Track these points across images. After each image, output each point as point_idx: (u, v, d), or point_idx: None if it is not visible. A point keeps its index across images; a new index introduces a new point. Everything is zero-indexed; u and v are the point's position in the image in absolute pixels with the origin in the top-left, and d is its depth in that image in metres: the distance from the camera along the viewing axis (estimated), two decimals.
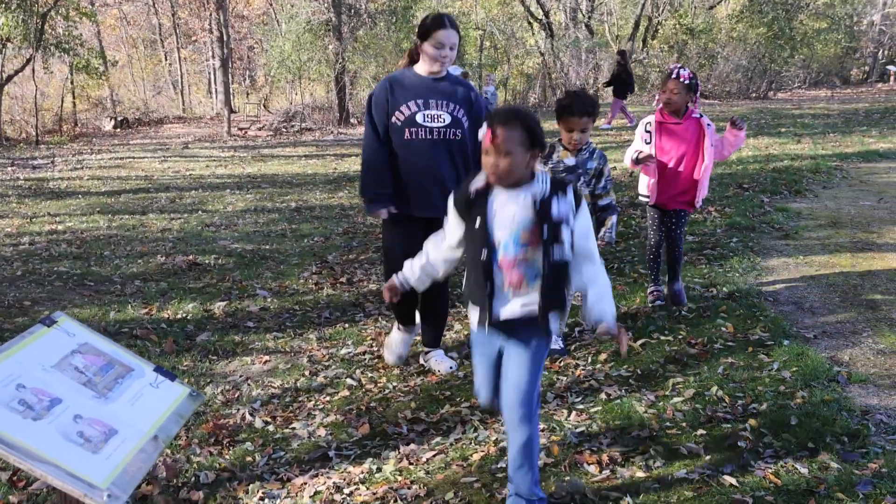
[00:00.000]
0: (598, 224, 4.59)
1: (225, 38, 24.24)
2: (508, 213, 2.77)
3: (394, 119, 4.19)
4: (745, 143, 13.51)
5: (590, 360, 4.69)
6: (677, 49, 30.18)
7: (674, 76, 5.21)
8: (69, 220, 9.80)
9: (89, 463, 1.77)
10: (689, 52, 29.90)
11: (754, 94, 28.91)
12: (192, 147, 19.83)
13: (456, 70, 17.83)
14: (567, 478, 3.37)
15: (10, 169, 15.11)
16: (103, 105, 29.85)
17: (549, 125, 5.55)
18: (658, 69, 30.55)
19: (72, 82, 25.91)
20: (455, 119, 4.19)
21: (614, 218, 4.66)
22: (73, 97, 26.89)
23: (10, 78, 21.83)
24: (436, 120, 4.16)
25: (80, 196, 11.72)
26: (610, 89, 19.16)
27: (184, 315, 5.86)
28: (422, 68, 4.24)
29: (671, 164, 5.31)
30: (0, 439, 1.69)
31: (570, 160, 4.52)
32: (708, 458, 3.51)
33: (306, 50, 24.88)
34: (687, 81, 5.18)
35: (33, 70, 22.69)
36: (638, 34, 30.58)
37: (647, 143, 5.35)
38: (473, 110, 4.29)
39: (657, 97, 5.38)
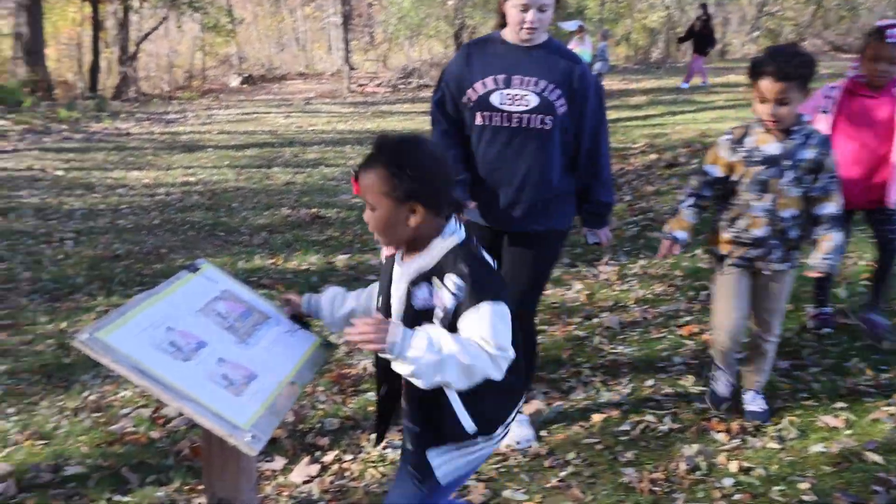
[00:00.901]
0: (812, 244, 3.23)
1: None
2: (397, 294, 2.09)
3: (465, 98, 3.18)
4: None
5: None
6: (814, 0, 28.57)
7: (889, 38, 3.65)
8: (200, 172, 10.20)
9: (233, 404, 1.84)
10: (827, 3, 28.27)
11: None
12: (313, 103, 20.23)
13: (572, 25, 17.36)
14: (694, 445, 3.30)
15: (146, 123, 15.80)
16: (230, 62, 30.74)
17: (668, 82, 5.24)
18: (793, 22, 29.07)
19: (202, 40, 26.77)
20: (544, 102, 3.08)
21: (838, 238, 3.12)
22: (203, 54, 27.80)
23: (146, 36, 22.75)
24: (517, 102, 3.09)
25: (209, 149, 12.17)
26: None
27: (308, 266, 6.02)
28: (509, 34, 3.18)
29: (855, 150, 3.85)
30: (154, 378, 1.78)
31: (773, 146, 3.09)
32: (848, 432, 3.36)
33: (425, 6, 24.86)
34: None
35: (167, 29, 23.55)
36: None
37: (825, 113, 3.90)
38: (577, 93, 3.12)
39: (851, 67, 3.90)
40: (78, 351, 4.35)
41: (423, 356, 1.82)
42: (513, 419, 2.18)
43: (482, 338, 1.88)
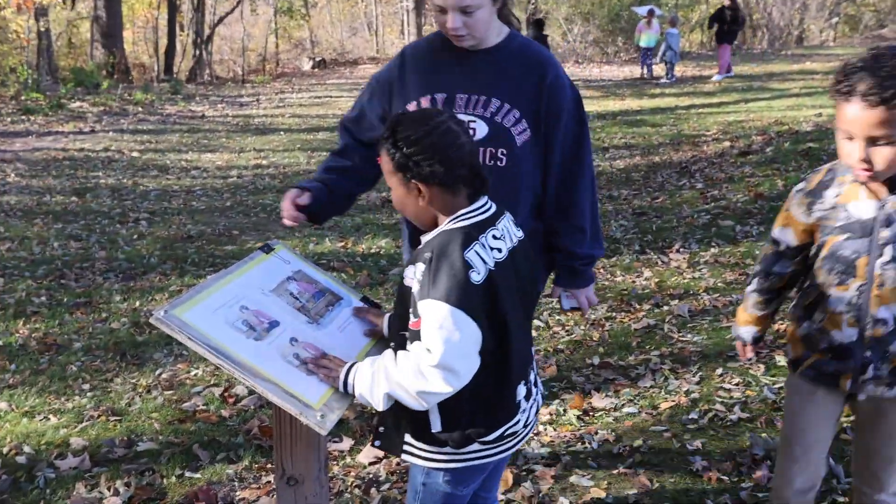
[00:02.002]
0: None
1: None
2: None
3: None
4: None
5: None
6: None
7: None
8: (272, 155, 10.34)
9: (304, 383, 1.84)
10: None
11: None
12: None
13: (643, 10, 16.97)
14: (763, 434, 3.22)
15: (220, 106, 16.08)
16: (302, 46, 31.10)
17: (743, 68, 4.97)
18: (873, 8, 28.06)
19: (275, 24, 27.12)
20: (496, 129, 2.31)
21: None
22: (276, 38, 28.17)
23: (221, 19, 23.14)
24: None
25: (281, 132, 12.33)
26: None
27: (377, 250, 6.05)
28: None
29: None
30: (227, 356, 1.80)
31: (864, 207, 1.99)
32: None
33: None
34: None
35: (241, 12, 23.92)
36: None
37: None
38: (545, 110, 2.35)
39: None
40: (152, 329, 4.46)
41: (368, 392, 1.80)
42: (514, 431, 1.95)
43: (425, 348, 1.69)
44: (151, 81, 19.70)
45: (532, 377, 2.02)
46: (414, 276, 1.77)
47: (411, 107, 2.36)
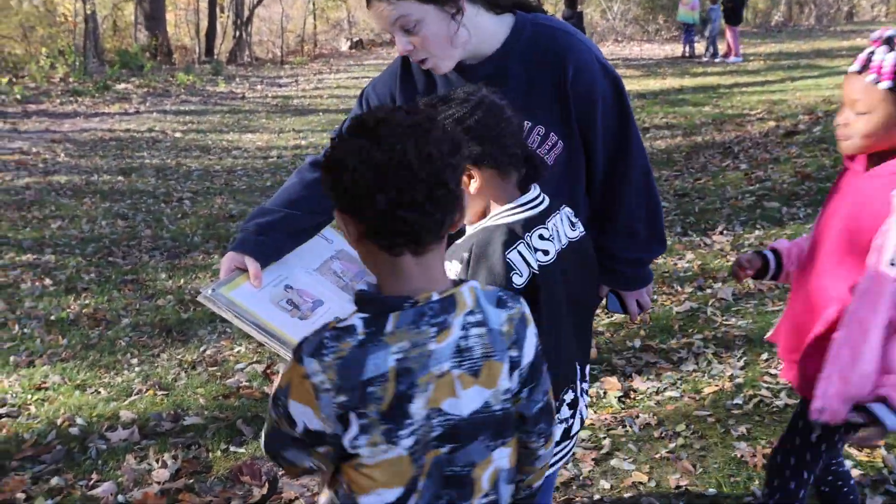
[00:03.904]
0: None
1: None
2: None
3: None
4: None
5: None
6: None
7: (857, 68, 1.86)
8: (311, 135, 10.40)
9: None
10: None
11: None
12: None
13: None
14: None
15: (259, 87, 16.19)
16: (340, 26, 31.07)
17: (789, 46, 4.74)
18: None
19: (313, 4, 27.14)
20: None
21: None
22: (314, 19, 28.19)
23: (260, 1, 23.20)
24: None
25: (320, 113, 12.39)
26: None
27: None
28: None
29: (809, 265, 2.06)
30: (272, 334, 1.82)
31: None
32: None
33: None
34: (889, 84, 1.79)
35: None
36: None
37: None
38: (578, 113, 1.95)
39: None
40: (196, 307, 4.52)
41: None
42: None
43: None
44: (193, 63, 19.86)
45: (570, 397, 1.86)
46: (451, 273, 1.66)
47: None
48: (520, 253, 1.65)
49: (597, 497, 2.84)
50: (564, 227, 1.79)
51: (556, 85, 1.92)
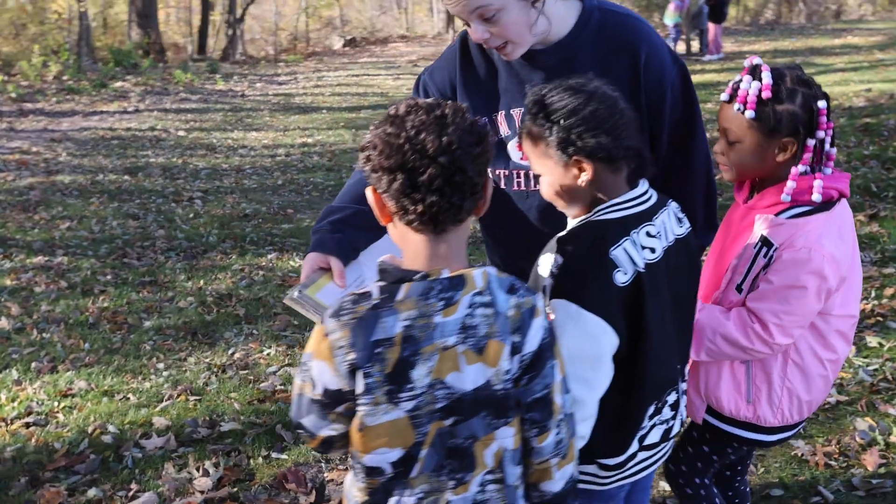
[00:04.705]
0: None
1: None
2: None
3: None
4: None
5: (873, 293, 4.27)
6: None
7: (727, 98, 1.89)
8: (317, 133, 10.28)
9: None
10: None
11: None
12: (420, 65, 20.16)
13: None
14: (866, 418, 3.10)
15: (258, 85, 16.03)
16: (333, 24, 30.97)
17: (782, 44, 4.52)
18: None
19: (305, 2, 27.02)
20: None
21: None
22: (307, 17, 28.07)
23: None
24: None
25: (324, 111, 12.26)
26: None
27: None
28: None
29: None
30: None
31: None
32: None
33: None
34: (753, 114, 1.80)
35: None
36: None
37: None
38: (648, 100, 1.89)
39: None
40: (219, 308, 4.43)
41: None
42: (641, 458, 1.74)
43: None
44: (186, 61, 19.69)
45: (672, 399, 1.76)
46: (550, 266, 1.59)
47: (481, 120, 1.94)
48: (625, 250, 1.57)
49: (658, 499, 2.76)
50: (672, 224, 1.71)
51: (628, 71, 1.87)
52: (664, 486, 2.79)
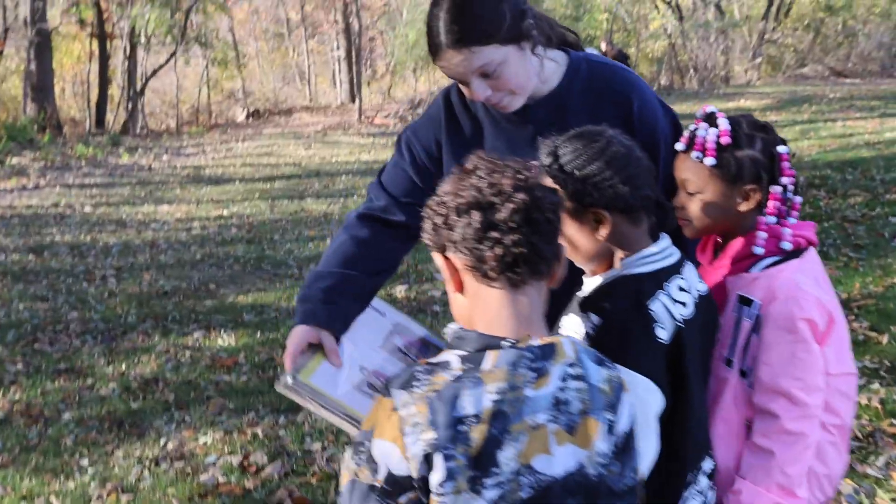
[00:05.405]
0: None
1: (359, 27, 24.60)
2: None
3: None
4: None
5: None
6: (813, 28, 28.61)
7: (683, 147, 1.75)
8: (233, 205, 9.97)
9: None
10: (826, 30, 28.30)
11: None
12: (330, 134, 20.08)
13: (593, 51, 17.11)
14: None
15: (165, 157, 15.58)
16: (235, 96, 30.73)
17: (679, 107, 4.69)
18: (793, 49, 29.11)
19: (207, 74, 26.76)
20: None
21: None
22: (209, 89, 27.77)
23: (156, 71, 22.69)
24: None
25: (237, 182, 11.95)
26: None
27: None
28: None
29: None
30: (360, 422, 1.57)
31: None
32: None
33: None
34: (713, 160, 1.68)
35: (175, 64, 23.49)
36: (771, 12, 29.08)
37: None
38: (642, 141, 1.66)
39: None
40: (145, 395, 4.11)
41: None
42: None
43: None
44: (84, 135, 19.07)
45: (708, 467, 1.58)
46: (583, 327, 1.45)
47: None
48: (663, 304, 1.46)
49: None
50: (695, 279, 1.60)
51: (622, 119, 1.78)
52: None
